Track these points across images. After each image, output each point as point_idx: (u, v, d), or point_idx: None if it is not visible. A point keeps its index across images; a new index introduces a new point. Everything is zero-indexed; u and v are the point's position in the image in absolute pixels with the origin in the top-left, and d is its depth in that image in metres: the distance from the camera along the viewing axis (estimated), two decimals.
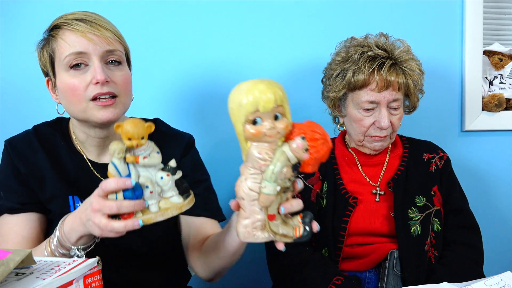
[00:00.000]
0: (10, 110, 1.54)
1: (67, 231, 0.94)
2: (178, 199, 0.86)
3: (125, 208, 0.83)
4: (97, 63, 1.05)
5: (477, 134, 1.87)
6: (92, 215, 0.86)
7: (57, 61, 1.07)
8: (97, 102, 1.05)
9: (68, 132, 1.19)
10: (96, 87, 1.04)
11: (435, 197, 1.43)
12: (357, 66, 1.35)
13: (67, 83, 1.06)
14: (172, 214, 0.86)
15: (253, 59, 1.69)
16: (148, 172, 0.85)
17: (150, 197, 0.85)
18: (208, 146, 1.66)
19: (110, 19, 1.14)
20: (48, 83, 1.13)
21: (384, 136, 1.40)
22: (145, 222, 0.84)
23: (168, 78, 1.64)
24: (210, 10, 1.65)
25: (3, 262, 0.71)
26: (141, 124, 0.82)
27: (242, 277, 1.74)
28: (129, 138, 0.82)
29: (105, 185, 0.84)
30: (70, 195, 1.13)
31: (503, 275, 0.97)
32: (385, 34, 1.44)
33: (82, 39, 1.04)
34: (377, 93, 1.34)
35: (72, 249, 0.95)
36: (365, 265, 1.38)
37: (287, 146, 0.78)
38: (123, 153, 0.83)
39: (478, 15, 1.81)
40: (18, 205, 1.10)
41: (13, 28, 1.53)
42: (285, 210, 0.81)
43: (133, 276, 1.17)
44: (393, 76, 1.33)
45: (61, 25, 1.07)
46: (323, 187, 1.46)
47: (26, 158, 1.13)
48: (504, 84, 1.87)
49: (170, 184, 0.85)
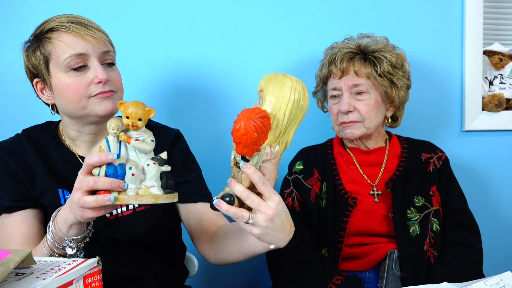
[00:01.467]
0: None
1: (59, 221, 0.95)
2: (157, 191, 0.87)
3: (101, 183, 0.84)
4: (97, 63, 1.09)
5: (477, 134, 1.87)
6: (73, 194, 0.87)
7: (53, 62, 1.09)
8: (97, 96, 1.09)
9: (57, 133, 1.21)
10: (98, 86, 1.08)
11: (433, 197, 1.43)
12: (323, 61, 1.52)
13: (67, 83, 1.08)
14: (146, 202, 0.85)
15: (246, 56, 1.69)
16: (137, 157, 0.87)
17: (131, 181, 0.85)
18: (198, 144, 1.65)
19: (101, 16, 1.17)
20: (37, 85, 1.14)
21: (349, 122, 1.43)
22: (116, 200, 0.84)
23: (156, 76, 1.64)
24: (203, 7, 1.65)
25: (3, 262, 0.71)
26: (142, 106, 0.85)
27: (242, 277, 1.74)
28: (127, 117, 0.84)
29: (88, 158, 0.86)
30: (60, 188, 1.14)
31: (503, 275, 0.97)
32: (365, 33, 1.51)
33: (80, 40, 1.07)
34: (338, 80, 1.45)
35: (65, 240, 0.95)
36: (365, 265, 1.38)
37: None
38: (118, 130, 0.85)
39: (478, 15, 1.81)
40: (14, 202, 1.11)
41: (12, 29, 1.54)
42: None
43: (129, 271, 1.18)
44: (351, 64, 1.44)
45: (56, 27, 1.08)
46: (322, 188, 1.46)
47: (17, 156, 1.14)
48: (504, 84, 1.87)
49: (154, 173, 0.86)
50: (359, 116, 1.42)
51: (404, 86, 1.47)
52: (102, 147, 0.86)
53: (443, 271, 1.32)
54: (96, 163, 0.85)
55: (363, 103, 1.42)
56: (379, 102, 1.45)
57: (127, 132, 0.86)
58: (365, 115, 1.42)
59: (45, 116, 1.25)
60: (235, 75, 1.68)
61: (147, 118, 0.85)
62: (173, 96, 1.66)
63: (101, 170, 0.85)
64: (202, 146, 1.66)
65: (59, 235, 0.95)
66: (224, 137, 1.69)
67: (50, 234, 0.97)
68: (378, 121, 1.46)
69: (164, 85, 1.65)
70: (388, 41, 1.50)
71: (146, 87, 1.64)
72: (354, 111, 1.42)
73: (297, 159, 1.53)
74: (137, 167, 0.85)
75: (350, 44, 1.48)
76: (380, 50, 1.45)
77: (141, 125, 0.85)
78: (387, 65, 1.43)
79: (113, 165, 0.85)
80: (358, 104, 1.42)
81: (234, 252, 1.08)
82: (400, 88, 1.46)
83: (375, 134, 1.49)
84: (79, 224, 0.94)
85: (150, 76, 1.64)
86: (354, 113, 1.42)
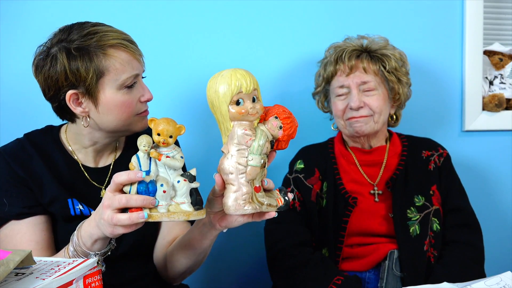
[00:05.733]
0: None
1: (83, 235, 0.95)
2: (188, 207, 0.87)
3: (134, 201, 0.85)
4: (143, 83, 1.15)
5: (477, 134, 1.87)
6: (103, 211, 0.88)
7: (109, 78, 1.07)
8: (140, 115, 1.14)
9: (59, 139, 1.20)
10: (144, 104, 1.14)
11: (434, 196, 1.43)
12: (327, 60, 1.51)
13: (121, 100, 1.09)
14: (178, 219, 0.86)
15: (247, 60, 1.68)
16: (167, 174, 0.87)
17: (162, 197, 0.86)
18: (203, 150, 1.66)
19: (110, 21, 1.15)
20: (71, 96, 1.08)
21: (360, 116, 1.42)
22: (150, 217, 0.85)
23: (164, 81, 1.63)
24: (204, 12, 1.65)
25: (3, 262, 0.71)
26: (173, 123, 0.86)
27: (242, 277, 1.74)
28: (158, 134, 0.85)
29: (116, 177, 0.86)
30: (69, 198, 1.14)
31: (503, 275, 0.97)
32: (364, 35, 1.52)
33: (136, 61, 1.11)
34: (345, 77, 1.44)
35: (90, 255, 0.96)
36: (365, 265, 1.38)
37: (263, 126, 0.90)
38: (149, 147, 0.86)
39: (478, 15, 1.81)
40: (25, 209, 1.10)
41: (13, 31, 1.53)
42: (267, 182, 0.92)
43: (128, 273, 1.19)
44: (359, 61, 1.44)
45: (114, 44, 1.07)
46: (323, 187, 1.46)
47: (23, 162, 1.13)
48: (504, 84, 1.87)
49: (184, 189, 0.87)
50: (370, 110, 1.43)
51: (407, 83, 1.50)
52: (133, 164, 0.86)
53: (443, 271, 1.32)
54: (125, 182, 0.86)
55: (373, 98, 1.43)
56: (386, 98, 1.46)
57: (157, 148, 0.87)
58: (376, 109, 1.42)
59: (45, 118, 1.24)
60: None
61: (177, 135, 0.86)
62: (180, 102, 1.65)
63: (132, 188, 0.86)
64: (205, 154, 1.66)
65: (83, 249, 0.96)
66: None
67: (73, 246, 0.97)
68: (385, 117, 1.47)
69: (172, 92, 1.64)
70: (388, 41, 1.51)
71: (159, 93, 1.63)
72: (364, 107, 1.42)
73: (297, 158, 1.53)
74: (167, 184, 0.86)
75: (353, 43, 1.49)
76: (384, 48, 1.47)
77: (172, 142, 0.86)
78: (395, 62, 1.45)
79: (145, 182, 0.85)
80: (368, 100, 1.42)
81: (181, 259, 1.14)
82: (404, 85, 1.48)
83: (380, 132, 1.49)
84: (104, 239, 0.95)
85: (159, 83, 1.62)
86: (364, 108, 1.43)
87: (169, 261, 1.18)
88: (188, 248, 1.10)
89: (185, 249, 1.12)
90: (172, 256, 1.17)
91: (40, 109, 1.22)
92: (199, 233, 1.06)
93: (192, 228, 1.10)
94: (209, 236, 1.04)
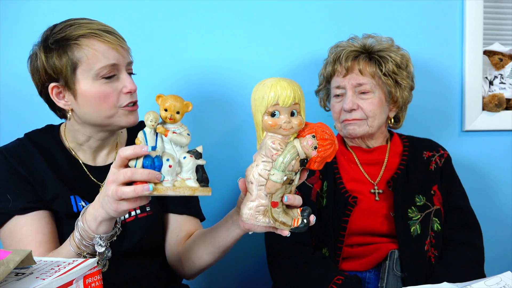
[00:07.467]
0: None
1: (88, 219, 0.95)
2: (193, 183, 0.87)
3: (139, 175, 0.84)
4: (125, 74, 1.12)
5: (477, 134, 1.87)
6: (107, 188, 0.87)
7: (83, 69, 1.08)
8: (126, 108, 1.12)
9: (59, 138, 1.21)
10: (127, 96, 1.11)
11: (435, 196, 1.43)
12: (328, 60, 1.52)
13: (98, 91, 1.09)
14: (183, 193, 0.86)
15: (250, 60, 1.68)
16: (173, 150, 0.87)
17: (168, 173, 0.85)
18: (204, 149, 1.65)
19: (107, 19, 1.15)
20: (53, 89, 1.11)
21: (353, 119, 1.42)
22: (154, 190, 0.84)
23: (164, 79, 1.63)
24: (206, 10, 1.64)
25: (3, 262, 0.71)
26: (180, 99, 0.86)
27: (242, 277, 1.74)
28: (165, 109, 0.85)
29: (122, 151, 0.85)
30: (71, 195, 1.14)
31: (503, 275, 0.97)
32: (370, 34, 1.51)
33: (113, 51, 1.09)
34: (342, 78, 1.45)
35: (95, 238, 0.95)
36: (365, 265, 1.38)
37: (298, 142, 0.87)
38: (156, 122, 0.86)
39: (478, 15, 1.81)
40: (29, 204, 1.11)
41: (12, 31, 1.53)
42: (287, 200, 0.88)
43: (129, 273, 1.19)
44: (355, 63, 1.44)
45: (87, 34, 1.08)
46: (323, 186, 1.46)
47: (24, 161, 1.14)
48: (504, 84, 1.87)
49: (190, 165, 0.86)
50: (363, 114, 1.43)
51: (408, 86, 1.48)
52: (139, 139, 0.86)
53: (443, 271, 1.32)
54: (130, 156, 0.85)
55: (367, 101, 1.42)
56: (383, 102, 1.45)
57: (164, 125, 0.86)
58: (369, 113, 1.42)
59: (45, 118, 1.24)
60: (234, 77, 1.67)
61: (184, 111, 0.86)
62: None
63: (138, 162, 0.85)
64: (206, 152, 1.65)
65: (88, 232, 0.95)
66: (231, 136, 1.69)
67: (78, 231, 0.96)
68: (381, 121, 1.46)
69: (173, 90, 1.64)
70: (393, 42, 1.50)
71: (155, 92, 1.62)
72: (357, 110, 1.43)
73: None
74: (174, 160, 0.86)
75: (355, 43, 1.48)
76: (385, 50, 1.45)
77: (179, 118, 0.86)
78: (392, 65, 1.44)
79: (150, 157, 0.85)
80: (362, 103, 1.42)
81: (203, 255, 1.13)
82: (404, 88, 1.46)
83: (377, 134, 1.49)
84: (109, 220, 0.93)
85: (157, 82, 1.63)
86: (357, 111, 1.43)
87: (187, 258, 1.17)
88: (213, 245, 1.10)
89: (209, 246, 1.11)
90: (191, 252, 1.16)
91: (40, 109, 1.22)
92: (226, 230, 1.06)
93: (219, 225, 1.09)
94: (235, 235, 1.04)
